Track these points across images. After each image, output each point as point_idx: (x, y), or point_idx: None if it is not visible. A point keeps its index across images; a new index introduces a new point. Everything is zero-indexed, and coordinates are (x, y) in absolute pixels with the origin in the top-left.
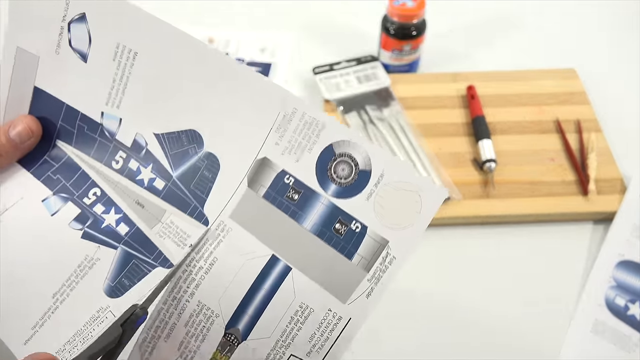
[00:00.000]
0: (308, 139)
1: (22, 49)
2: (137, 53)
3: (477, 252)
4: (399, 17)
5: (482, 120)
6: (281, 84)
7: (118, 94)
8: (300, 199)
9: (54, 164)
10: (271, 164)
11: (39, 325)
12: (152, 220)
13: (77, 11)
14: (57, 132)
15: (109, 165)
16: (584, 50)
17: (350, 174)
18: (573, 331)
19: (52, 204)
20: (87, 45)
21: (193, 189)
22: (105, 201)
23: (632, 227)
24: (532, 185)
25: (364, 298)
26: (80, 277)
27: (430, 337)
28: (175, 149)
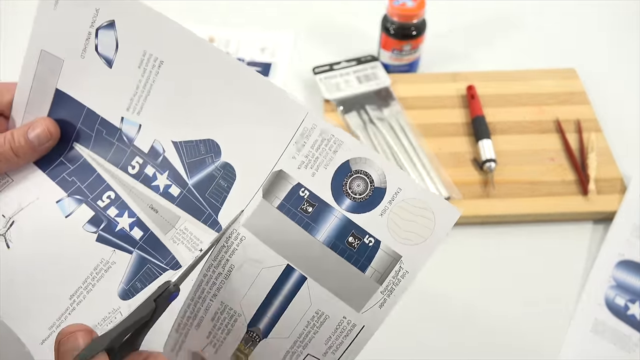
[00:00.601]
0: (325, 154)
1: (47, 52)
2: (163, 62)
3: (477, 252)
4: (399, 17)
5: (482, 120)
6: (281, 83)
7: (140, 101)
8: (314, 211)
9: (69, 166)
10: (287, 176)
11: (56, 326)
12: (166, 226)
13: (106, 18)
14: (75, 134)
15: (124, 170)
16: (584, 50)
17: (365, 190)
18: (573, 331)
19: (67, 205)
20: (114, 52)
21: (208, 197)
22: (119, 204)
23: (632, 226)
24: (532, 185)
25: (377, 308)
26: (97, 280)
27: (430, 337)
28: (193, 158)
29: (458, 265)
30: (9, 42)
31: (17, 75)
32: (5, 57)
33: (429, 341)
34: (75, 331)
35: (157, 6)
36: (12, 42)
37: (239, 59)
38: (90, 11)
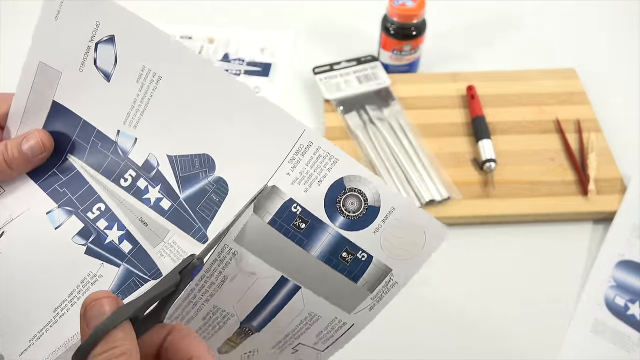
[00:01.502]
0: (319, 171)
1: (45, 64)
2: (162, 77)
3: (477, 252)
4: (399, 17)
5: (482, 120)
6: (281, 83)
7: (137, 115)
8: (307, 228)
9: (61, 177)
10: (279, 192)
11: (36, 338)
12: (155, 239)
13: (107, 32)
14: (70, 146)
15: (117, 182)
16: (584, 50)
17: (359, 208)
18: (573, 331)
19: (56, 216)
20: (112, 66)
21: (199, 211)
22: (108, 217)
23: (632, 226)
24: (532, 185)
25: (367, 310)
26: (82, 293)
27: (430, 337)
28: (186, 172)
29: (458, 265)
30: (9, 42)
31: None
32: (6, 58)
33: (428, 341)
34: (102, 297)
35: (158, 6)
36: (12, 42)
37: (239, 60)
38: (91, 25)
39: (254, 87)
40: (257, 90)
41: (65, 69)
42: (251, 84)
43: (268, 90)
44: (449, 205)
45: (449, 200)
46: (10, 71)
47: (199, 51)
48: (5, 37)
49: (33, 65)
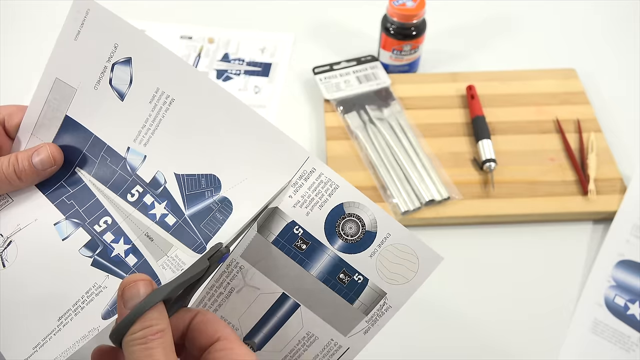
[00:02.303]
0: (321, 196)
1: (61, 80)
2: (174, 100)
3: (476, 252)
4: (399, 17)
5: (482, 120)
6: (281, 84)
7: (148, 133)
8: (308, 249)
9: (69, 190)
10: (282, 214)
11: (40, 346)
12: (159, 253)
13: (124, 55)
14: (79, 160)
15: (123, 197)
16: (584, 50)
17: (356, 233)
18: (572, 331)
19: (64, 228)
20: (127, 86)
21: (202, 228)
22: (115, 230)
23: (631, 226)
24: (531, 185)
25: (362, 334)
26: (87, 304)
27: (429, 337)
28: (193, 190)
29: (458, 265)
30: (9, 43)
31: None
32: (6, 59)
33: (428, 341)
34: (138, 280)
35: (158, 7)
36: (12, 43)
37: (239, 60)
38: (109, 46)
39: (254, 87)
40: (261, 105)
41: (80, 86)
42: (251, 84)
43: (268, 90)
44: (449, 205)
45: (449, 200)
46: (10, 71)
47: (199, 51)
48: (5, 39)
49: (49, 80)
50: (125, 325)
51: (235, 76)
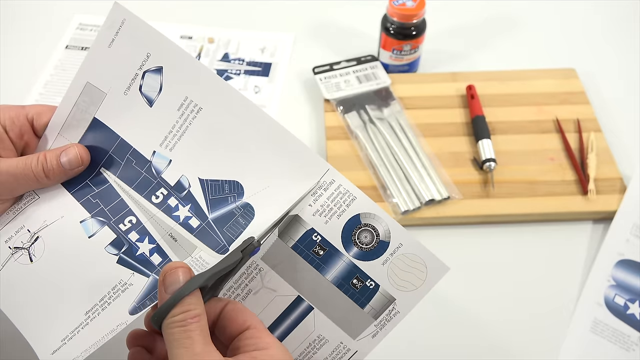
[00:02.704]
0: (339, 206)
1: (92, 84)
2: (202, 108)
3: (476, 251)
4: (399, 17)
5: (482, 120)
6: (281, 84)
7: (174, 139)
8: (325, 255)
9: (94, 189)
10: (302, 221)
11: (69, 338)
12: (183, 254)
13: (156, 64)
14: (105, 160)
15: (148, 199)
16: (584, 50)
17: (371, 242)
18: (572, 331)
19: (90, 226)
20: (157, 94)
21: (225, 232)
22: (139, 230)
23: (631, 226)
24: (531, 185)
25: (370, 338)
26: (113, 299)
27: (429, 337)
28: (216, 195)
29: (457, 265)
30: (9, 44)
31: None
32: (6, 60)
33: (428, 340)
34: (178, 268)
35: (158, 7)
36: (12, 44)
37: (239, 60)
38: (142, 55)
39: (254, 87)
40: (261, 105)
41: (110, 91)
42: (251, 84)
43: (268, 90)
44: (449, 204)
45: (448, 200)
46: (10, 72)
47: (199, 51)
48: (5, 39)
49: (80, 84)
50: (166, 309)
51: (235, 76)
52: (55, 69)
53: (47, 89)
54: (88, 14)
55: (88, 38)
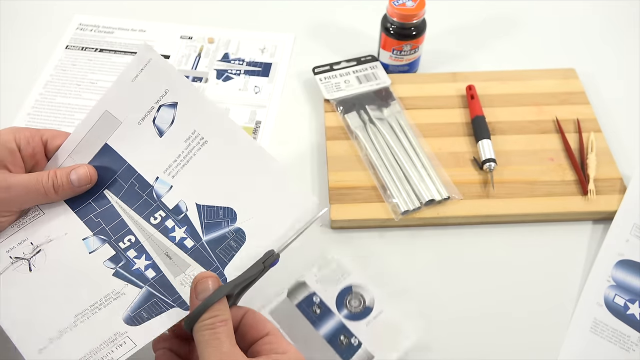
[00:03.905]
0: (337, 278)
1: (109, 113)
2: (207, 142)
3: (476, 251)
4: (399, 17)
5: (482, 120)
6: (281, 84)
7: (177, 167)
8: (320, 313)
9: (96, 208)
10: (307, 286)
11: (57, 338)
12: (177, 271)
13: (172, 99)
14: (109, 183)
15: (147, 220)
16: (583, 51)
17: (359, 306)
18: (572, 331)
19: (91, 243)
20: (168, 126)
21: (218, 253)
22: (137, 248)
23: (631, 226)
24: (531, 185)
25: None
26: (104, 305)
27: (429, 337)
28: (211, 220)
29: (457, 265)
30: (9, 44)
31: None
32: (6, 60)
33: (427, 341)
34: (207, 277)
35: (159, 7)
36: (12, 44)
37: (239, 60)
38: (161, 91)
39: (254, 87)
40: (261, 106)
41: (126, 120)
42: (251, 84)
43: (268, 90)
44: (449, 205)
45: (448, 200)
46: (11, 68)
47: (199, 51)
48: (5, 37)
49: (99, 111)
50: (197, 313)
51: (235, 76)
52: (55, 69)
53: (47, 89)
54: (88, 14)
55: (88, 38)
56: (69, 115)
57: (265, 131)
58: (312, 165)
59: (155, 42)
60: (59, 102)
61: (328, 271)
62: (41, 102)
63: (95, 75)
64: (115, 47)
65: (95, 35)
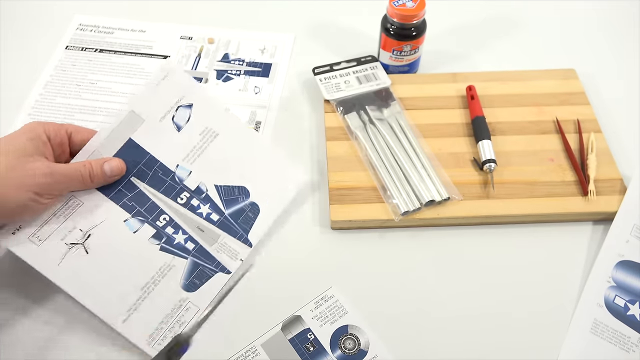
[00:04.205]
0: (333, 316)
1: (134, 112)
2: (218, 134)
3: (476, 252)
4: (399, 17)
5: (482, 121)
6: (281, 84)
7: (194, 156)
8: (314, 351)
9: (127, 194)
10: (302, 321)
11: (133, 309)
12: (210, 241)
13: (188, 101)
14: (135, 171)
15: (174, 200)
16: (583, 50)
17: (353, 348)
18: (572, 331)
19: (132, 224)
20: (185, 122)
21: (240, 223)
22: (173, 225)
23: (631, 227)
24: (531, 186)
25: None
26: (162, 277)
27: (429, 337)
28: (229, 197)
29: (457, 265)
30: (9, 45)
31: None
32: (6, 60)
33: (428, 341)
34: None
35: (159, 7)
36: (12, 44)
37: (239, 61)
38: (179, 95)
39: (254, 88)
40: (261, 106)
41: (148, 118)
42: (251, 85)
43: (268, 91)
44: (449, 205)
45: (448, 201)
46: (9, 74)
47: (199, 51)
48: (6, 37)
49: (125, 111)
50: None
51: (235, 76)
52: (55, 69)
53: (47, 89)
54: (88, 14)
55: (88, 39)
56: (69, 115)
57: (265, 131)
58: (312, 166)
59: (155, 43)
60: (59, 102)
61: (325, 308)
62: (41, 103)
63: (95, 75)
64: (115, 47)
65: (95, 36)
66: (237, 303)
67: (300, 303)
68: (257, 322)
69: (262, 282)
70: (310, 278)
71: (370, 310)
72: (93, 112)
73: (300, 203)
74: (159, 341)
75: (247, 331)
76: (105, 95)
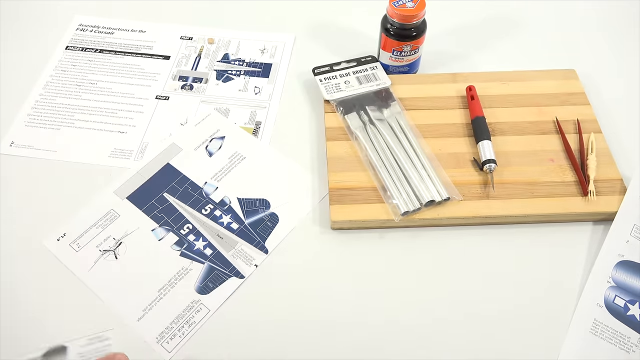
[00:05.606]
0: None
1: (175, 144)
2: (245, 158)
3: (476, 252)
4: (399, 17)
5: (482, 121)
6: (281, 84)
7: (222, 175)
8: None
9: (158, 206)
10: None
11: (148, 309)
12: (228, 247)
13: (221, 134)
14: (167, 188)
15: (199, 211)
16: (584, 51)
17: None
18: (572, 331)
19: (159, 233)
20: (217, 150)
21: (258, 231)
22: (195, 232)
23: (631, 227)
24: (531, 186)
25: None
26: (178, 280)
27: (429, 337)
28: (250, 208)
29: (458, 265)
30: (9, 45)
31: (15, 77)
32: (6, 60)
33: (428, 341)
34: None
35: (159, 7)
36: (12, 45)
37: (239, 61)
38: (214, 129)
39: (254, 88)
40: (261, 106)
41: (186, 148)
42: (251, 85)
43: (268, 91)
44: (449, 206)
45: (448, 201)
46: (9, 74)
47: (199, 51)
48: (5, 40)
49: (168, 143)
50: None
51: (235, 77)
52: (55, 69)
53: (47, 89)
54: (88, 14)
55: (88, 39)
56: (69, 115)
57: (265, 132)
58: (312, 166)
59: (156, 43)
60: (59, 102)
61: None
62: (41, 103)
63: (95, 76)
64: (115, 47)
65: (95, 36)
66: (237, 303)
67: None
68: (256, 322)
69: (262, 282)
70: (310, 278)
71: (370, 310)
72: (93, 112)
73: (300, 203)
74: (167, 340)
75: (247, 331)
76: (105, 95)
